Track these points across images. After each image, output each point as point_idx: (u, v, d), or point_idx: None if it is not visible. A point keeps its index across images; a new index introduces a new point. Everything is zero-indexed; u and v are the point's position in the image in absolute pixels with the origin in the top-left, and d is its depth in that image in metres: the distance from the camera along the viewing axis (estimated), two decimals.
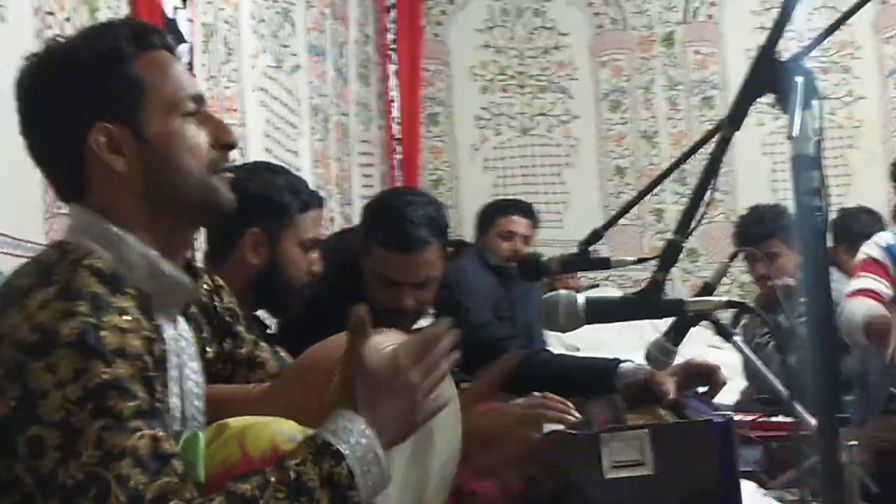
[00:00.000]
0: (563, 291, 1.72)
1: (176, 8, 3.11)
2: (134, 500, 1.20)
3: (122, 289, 1.34)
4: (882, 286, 3.47)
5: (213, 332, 1.72)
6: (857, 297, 3.44)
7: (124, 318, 1.30)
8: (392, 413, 1.36)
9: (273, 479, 1.27)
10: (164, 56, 1.45)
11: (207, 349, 1.68)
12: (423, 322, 2.49)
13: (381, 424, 1.35)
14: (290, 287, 2.24)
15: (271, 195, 2.21)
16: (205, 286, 1.74)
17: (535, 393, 2.10)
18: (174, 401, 1.41)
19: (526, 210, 4.73)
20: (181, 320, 1.50)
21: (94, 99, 1.39)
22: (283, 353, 1.86)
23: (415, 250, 2.39)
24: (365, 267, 2.47)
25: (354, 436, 1.33)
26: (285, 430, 1.38)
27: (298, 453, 1.31)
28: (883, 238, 3.63)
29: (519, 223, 4.63)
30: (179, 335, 1.47)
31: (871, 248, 3.59)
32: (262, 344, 1.84)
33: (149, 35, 1.45)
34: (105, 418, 1.23)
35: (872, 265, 3.52)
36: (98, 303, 1.29)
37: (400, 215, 2.40)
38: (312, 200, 2.29)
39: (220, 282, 1.82)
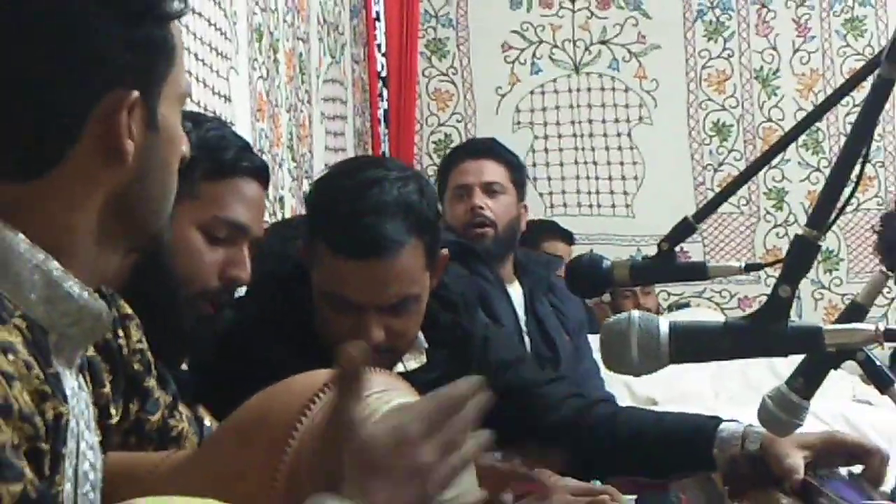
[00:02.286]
0: (635, 313, 1.50)
1: None
2: None
3: (4, 316, 1.14)
4: None
5: (115, 385, 1.47)
6: None
7: (9, 357, 1.10)
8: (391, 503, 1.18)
9: None
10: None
11: (112, 411, 1.46)
12: (412, 361, 2.20)
13: None
14: (178, 290, 1.83)
15: None
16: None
17: (597, 482, 2.02)
18: (67, 489, 1.21)
19: (483, 148, 3.77)
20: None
21: (127, 45, 1.18)
22: (207, 420, 1.68)
23: (379, 254, 2.03)
24: (312, 279, 2.17)
25: None
26: None
27: None
28: None
29: (471, 170, 3.63)
30: (80, 391, 1.28)
31: None
32: (181, 408, 1.60)
33: None
34: None
35: None
36: None
37: (355, 199, 2.06)
38: (239, 163, 1.91)
39: (127, 308, 1.56)
